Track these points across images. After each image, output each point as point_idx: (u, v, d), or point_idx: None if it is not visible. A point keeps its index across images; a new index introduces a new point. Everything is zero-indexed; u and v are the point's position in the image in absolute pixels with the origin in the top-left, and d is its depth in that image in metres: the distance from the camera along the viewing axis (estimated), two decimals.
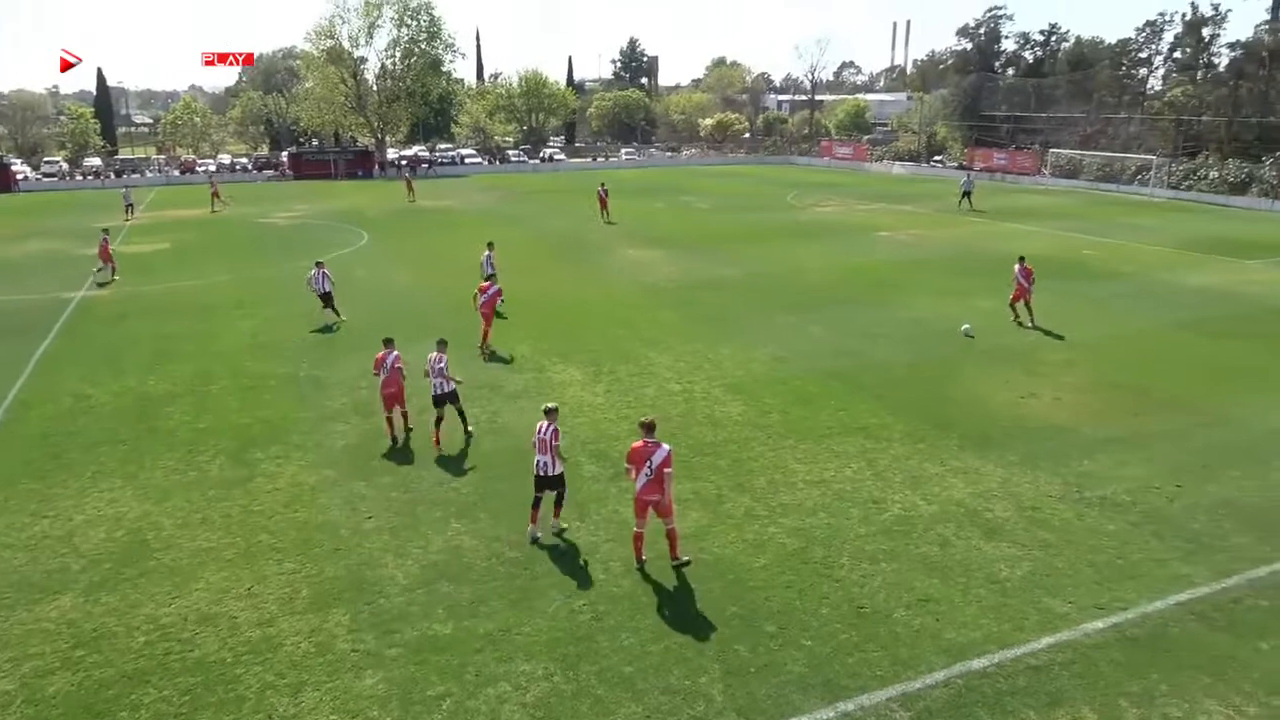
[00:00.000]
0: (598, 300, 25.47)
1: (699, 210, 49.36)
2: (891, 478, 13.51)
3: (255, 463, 14.14)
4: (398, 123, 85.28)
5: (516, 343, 20.78)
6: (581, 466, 13.85)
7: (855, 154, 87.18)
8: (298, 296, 25.68)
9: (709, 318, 23.32)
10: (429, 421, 15.10)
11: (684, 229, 40.87)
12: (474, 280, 26.29)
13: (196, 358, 20.03)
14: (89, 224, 44.35)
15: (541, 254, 33.96)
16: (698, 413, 16.12)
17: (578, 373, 18.53)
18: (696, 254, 33.54)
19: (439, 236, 39.42)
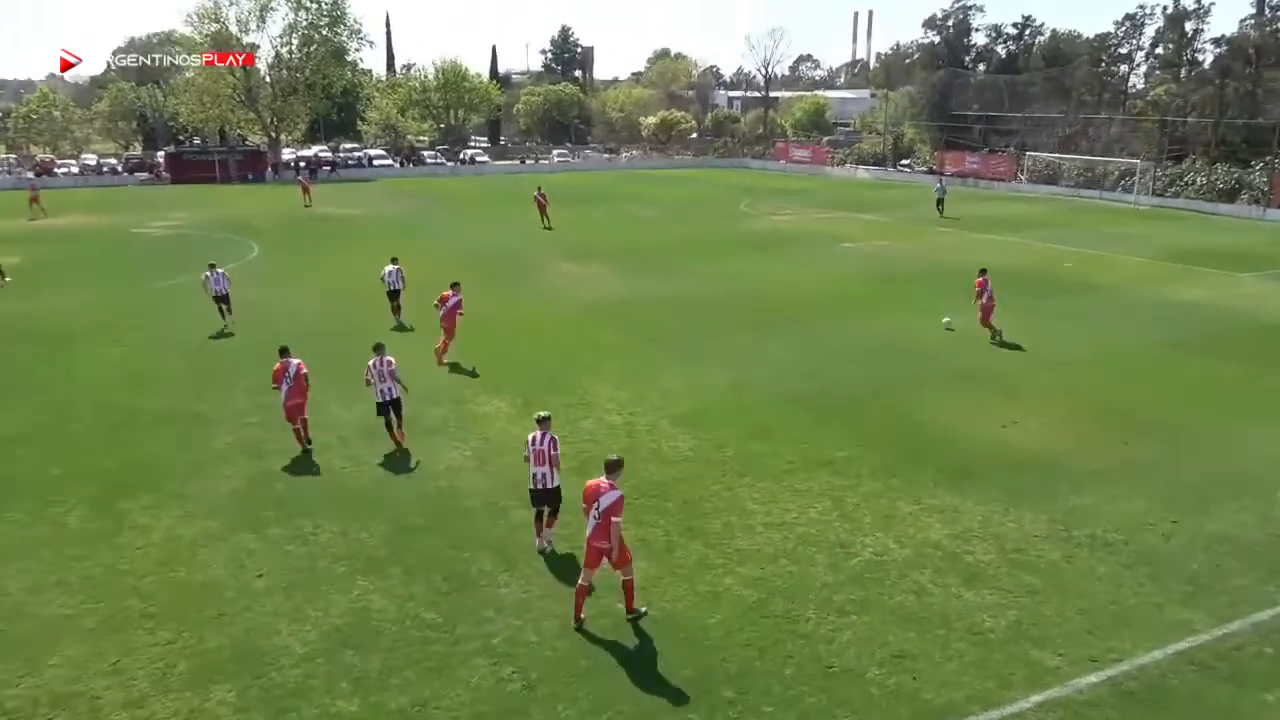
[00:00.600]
0: (527, 322, 25.36)
1: (642, 219, 49.66)
2: (861, 518, 13.61)
3: (123, 514, 13.65)
4: (294, 119, 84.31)
5: (433, 371, 20.55)
6: (509, 513, 13.68)
7: (815, 157, 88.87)
8: (175, 318, 25.05)
9: (655, 340, 23.40)
10: (382, 428, 16.26)
11: (626, 240, 41.06)
12: (380, 302, 26.07)
13: (53, 391, 19.40)
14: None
15: (462, 269, 33.70)
16: (642, 448, 16.08)
17: (504, 404, 18.37)
18: (640, 268, 33.69)
19: (341, 250, 38.92)
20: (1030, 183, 67.83)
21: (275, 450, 15.94)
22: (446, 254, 37.23)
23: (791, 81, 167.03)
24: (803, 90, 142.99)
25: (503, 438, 16.55)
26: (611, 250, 38.05)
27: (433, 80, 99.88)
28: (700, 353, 22.11)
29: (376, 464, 15.35)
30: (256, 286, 30.50)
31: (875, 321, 25.32)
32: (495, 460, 15.51)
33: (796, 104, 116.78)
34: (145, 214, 52.22)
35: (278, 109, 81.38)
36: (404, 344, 22.24)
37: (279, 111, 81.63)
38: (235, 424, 17.39)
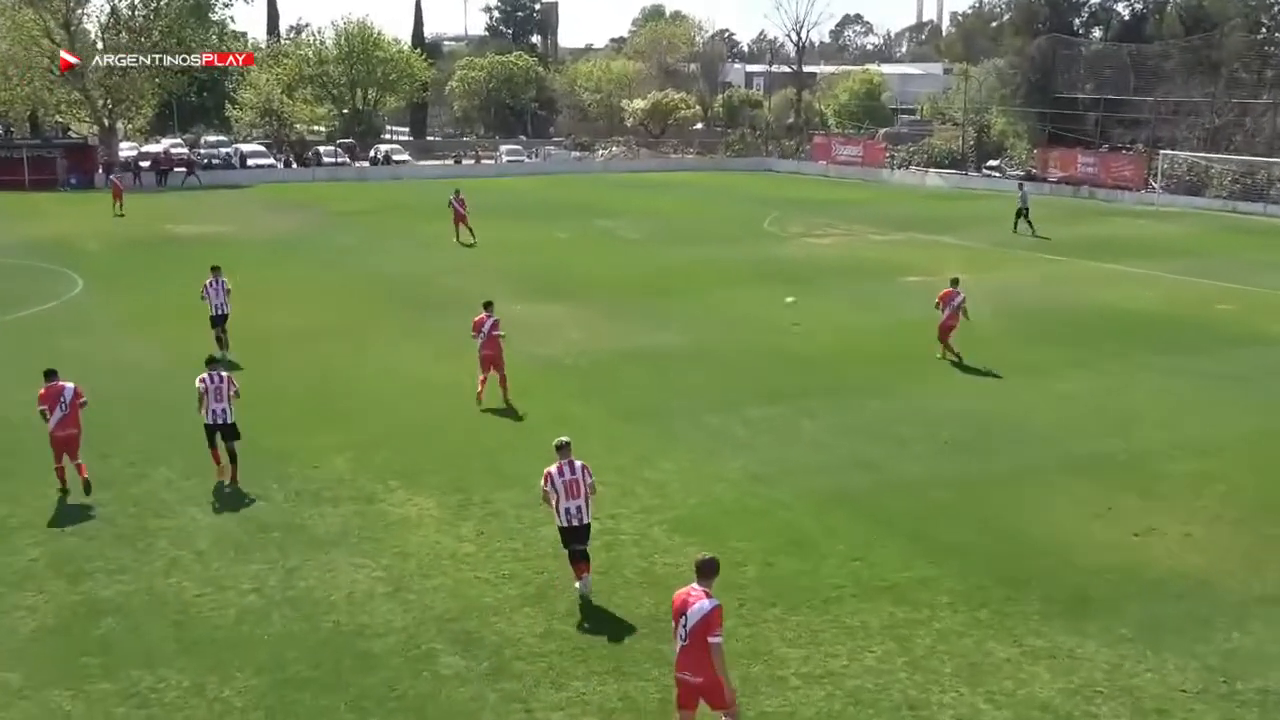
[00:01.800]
0: (462, 385, 25.37)
1: (625, 242, 50.06)
2: (937, 667, 13.53)
3: None
4: (136, 101, 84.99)
5: (329, 455, 20.55)
6: (436, 659, 13.56)
7: (867, 156, 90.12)
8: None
9: (642, 412, 23.44)
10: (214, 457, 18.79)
11: (601, 271, 41.33)
12: (267, 354, 26.08)
13: None
14: None
15: (370, 309, 33.86)
16: (627, 566, 16.01)
17: (430, 503, 18.31)
18: (621, 310, 33.84)
19: (199, 284, 39.03)
20: (1167, 192, 68.79)
21: (103, 568, 15.81)
22: (346, 286, 37.37)
23: (834, 52, 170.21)
24: (850, 64, 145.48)
25: (427, 552, 16.45)
26: (581, 284, 38.25)
27: (332, 49, 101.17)
28: (705, 430, 22.13)
29: (246, 588, 15.23)
30: (77, 334, 30.51)
31: (953, 387, 25.42)
32: (417, 583, 15.40)
33: (841, 83, 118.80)
34: None
35: (113, 87, 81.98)
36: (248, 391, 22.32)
37: (115, 90, 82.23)
38: (46, 532, 17.24)
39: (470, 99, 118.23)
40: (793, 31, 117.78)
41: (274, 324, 31.62)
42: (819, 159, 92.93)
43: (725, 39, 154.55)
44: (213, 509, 18.02)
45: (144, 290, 37.43)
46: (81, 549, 16.54)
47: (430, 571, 15.82)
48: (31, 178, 74.17)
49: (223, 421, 18.96)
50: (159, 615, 14.58)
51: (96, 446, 20.82)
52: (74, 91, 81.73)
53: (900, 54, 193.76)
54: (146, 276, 40.60)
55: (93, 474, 18.94)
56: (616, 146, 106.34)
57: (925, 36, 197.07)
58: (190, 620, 14.43)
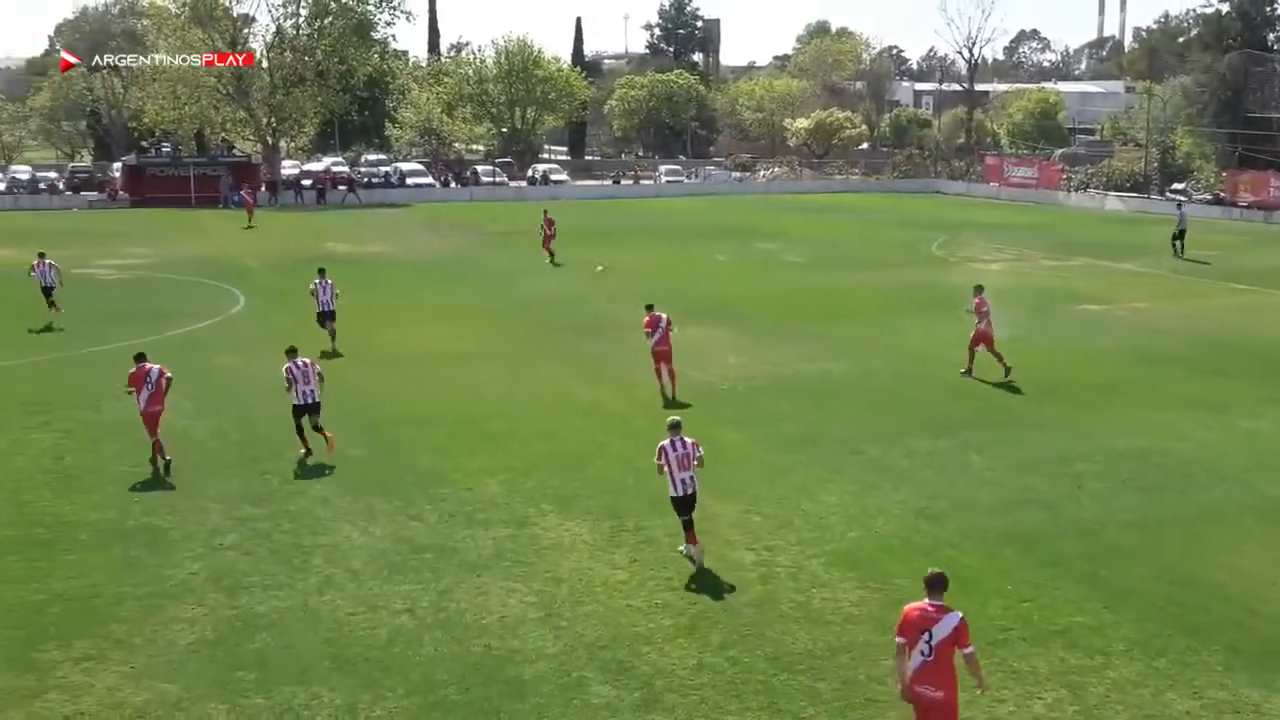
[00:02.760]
0: (614, 409, 25.62)
1: (786, 265, 49.99)
2: (1111, 718, 13.20)
3: (48, 668, 14.12)
4: (300, 119, 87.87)
5: (482, 477, 20.92)
6: (587, 688, 13.69)
7: (1042, 178, 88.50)
8: (123, 394, 26.10)
9: (801, 440, 23.40)
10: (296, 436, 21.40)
11: (760, 295, 41.32)
12: (421, 375, 26.75)
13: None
14: None
15: (524, 332, 34.39)
16: (783, 600, 15.95)
17: (583, 529, 18.51)
18: (781, 335, 33.78)
19: (361, 301, 40.13)
20: None
21: (259, 583, 16.36)
22: (498, 308, 38.01)
23: (1008, 69, 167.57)
24: (1025, 82, 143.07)
25: (581, 578, 16.63)
26: (740, 308, 38.30)
27: (492, 67, 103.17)
28: (866, 461, 21.98)
29: (399, 609, 15.58)
30: (235, 351, 31.67)
31: (1132, 422, 24.77)
32: (569, 610, 15.57)
33: (1015, 101, 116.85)
34: (92, 248, 54.85)
35: (278, 105, 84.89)
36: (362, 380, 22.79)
37: (279, 109, 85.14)
38: (206, 545, 17.85)
39: (629, 118, 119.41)
40: (965, 48, 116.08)
41: (429, 345, 32.35)
42: (990, 181, 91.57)
43: (893, 56, 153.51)
44: (367, 527, 18.49)
45: (302, 308, 38.42)
46: (239, 563, 17.14)
47: (582, 598, 15.99)
48: (197, 195, 77.19)
49: (311, 401, 21.85)
50: (313, 632, 15.02)
51: (255, 463, 21.66)
52: (240, 110, 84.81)
53: (1079, 71, 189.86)
54: (305, 295, 41.81)
55: (250, 490, 19.81)
56: (778, 167, 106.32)
57: (1106, 53, 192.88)
58: (343, 638, 14.82)
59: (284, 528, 18.50)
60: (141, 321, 35.75)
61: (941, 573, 11.57)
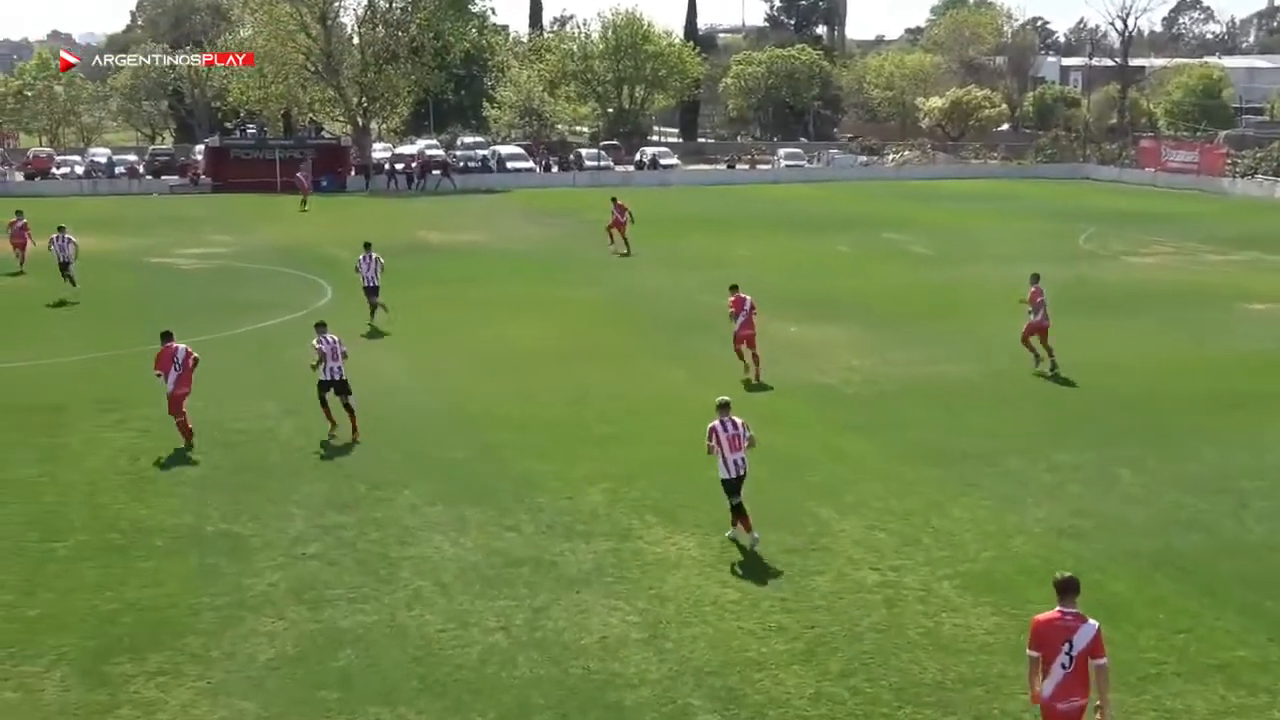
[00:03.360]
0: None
1: (915, 258, 49.56)
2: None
3: (121, 682, 14.43)
4: (392, 99, 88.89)
5: (583, 485, 21.02)
6: (694, 716, 13.68)
7: (1204, 163, 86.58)
8: (208, 392, 26.66)
9: (931, 451, 23.22)
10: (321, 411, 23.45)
11: (886, 291, 40.97)
12: (519, 373, 27.00)
13: (30, 492, 20.83)
14: None
15: (629, 329, 34.46)
16: (910, 625, 15.80)
17: (691, 543, 18.51)
18: (909, 335, 33.47)
19: (453, 294, 40.52)
20: None
21: (343, 595, 16.60)
22: (601, 303, 38.13)
23: (1166, 43, 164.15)
24: (1185, 57, 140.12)
25: (688, 596, 16.61)
26: (864, 305, 38.01)
27: (598, 43, 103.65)
28: (1004, 475, 21.73)
29: (492, 626, 15.69)
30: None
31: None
32: (675, 631, 15.56)
33: (1174, 78, 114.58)
34: (173, 235, 56.08)
35: (369, 84, 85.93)
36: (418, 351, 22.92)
37: (370, 88, 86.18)
38: (288, 554, 18.15)
39: (746, 97, 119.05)
40: (1118, 19, 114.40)
41: (527, 342, 32.56)
42: (1146, 166, 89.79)
43: (1037, 28, 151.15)
44: (458, 538, 18.66)
45: (391, 301, 39.01)
46: (322, 574, 17.39)
47: (689, 618, 15.96)
48: (284, 180, 78.49)
49: (339, 378, 23.62)
50: (400, 650, 15.17)
51: (341, 467, 22.02)
52: (329, 89, 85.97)
53: (1246, 44, 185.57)
54: (395, 286, 42.30)
55: (336, 496, 20.24)
56: (909, 150, 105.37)
57: (1278, 24, 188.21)
58: (432, 657, 14.96)
59: (370, 536, 18.76)
60: (223, 313, 36.46)
61: (1074, 576, 11.76)
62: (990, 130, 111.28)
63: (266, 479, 21.48)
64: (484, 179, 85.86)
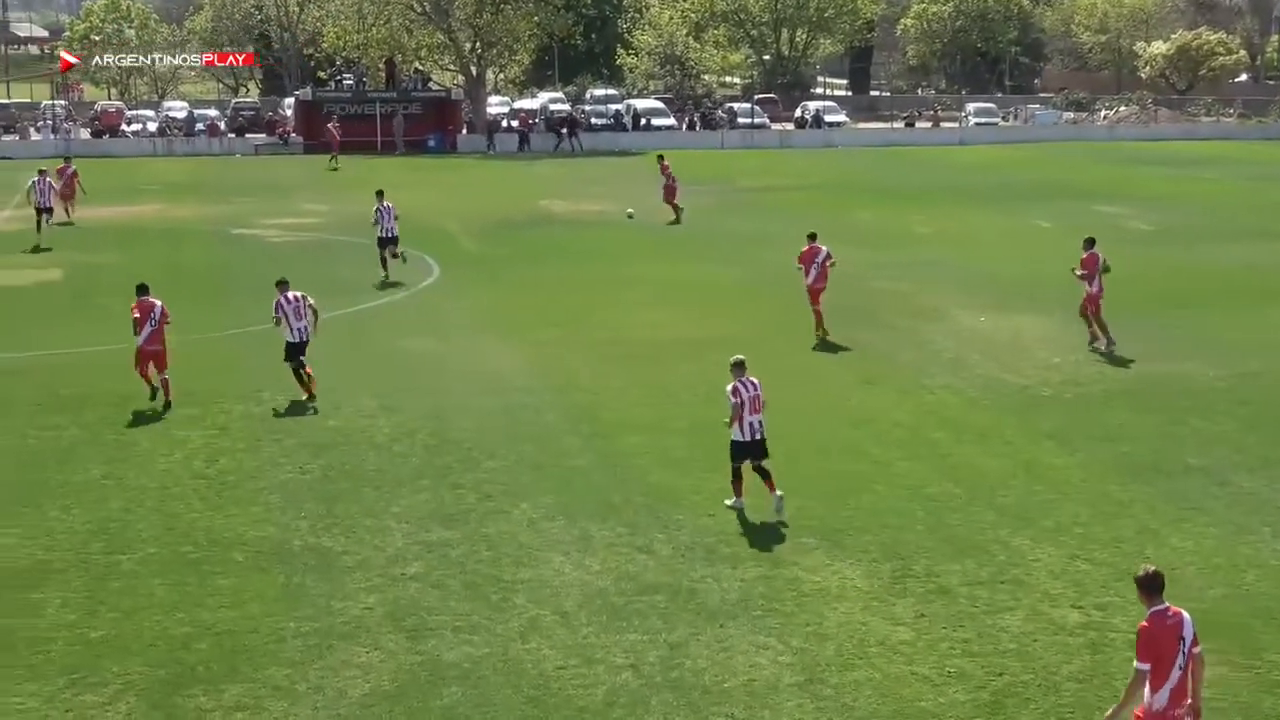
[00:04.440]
0: (897, 419, 25.42)
1: (1133, 235, 48.74)
2: None
3: (195, 717, 14.63)
4: (511, 45, 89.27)
5: (725, 500, 20.98)
6: None
7: None
8: (293, 382, 27.11)
9: (1146, 466, 22.87)
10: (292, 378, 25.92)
11: None
12: (653, 367, 27.06)
13: (96, 496, 21.29)
14: None
15: (782, 315, 34.27)
16: (1118, 675, 15.38)
17: (855, 572, 18.37)
18: (1122, 327, 32.84)
19: (578, 274, 40.70)
20: None
21: (449, 623, 16.71)
22: (749, 288, 38.04)
23: None
24: None
25: (852, 635, 16.46)
26: (1067, 291, 37.34)
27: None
28: (1237, 497, 21.28)
29: (620, 663, 15.66)
30: (427, 334, 32.70)
31: None
32: (835, 675, 15.43)
33: None
34: (259, 203, 57.15)
35: (484, 27, 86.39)
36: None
37: (486, 32, 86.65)
38: (385, 575, 18.31)
39: (929, 42, 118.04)
40: None
41: (662, 330, 32.62)
42: None
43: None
44: (582, 559, 18.71)
45: (510, 283, 39.43)
46: (424, 598, 17.51)
47: (853, 661, 15.81)
48: (384, 138, 79.43)
49: (304, 339, 26.14)
50: (513, 688, 15.21)
51: (448, 473, 22.26)
52: (437, 33, 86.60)
53: None
54: (513, 266, 42.74)
55: (441, 507, 20.47)
56: (1125, 106, 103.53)
57: None
58: (550, 697, 14.99)
59: (481, 556, 18.90)
60: (314, 293, 36.83)
61: (1160, 570, 12.37)
62: (1225, 82, 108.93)
63: (362, 486, 21.73)
64: (616, 139, 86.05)
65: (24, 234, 48.47)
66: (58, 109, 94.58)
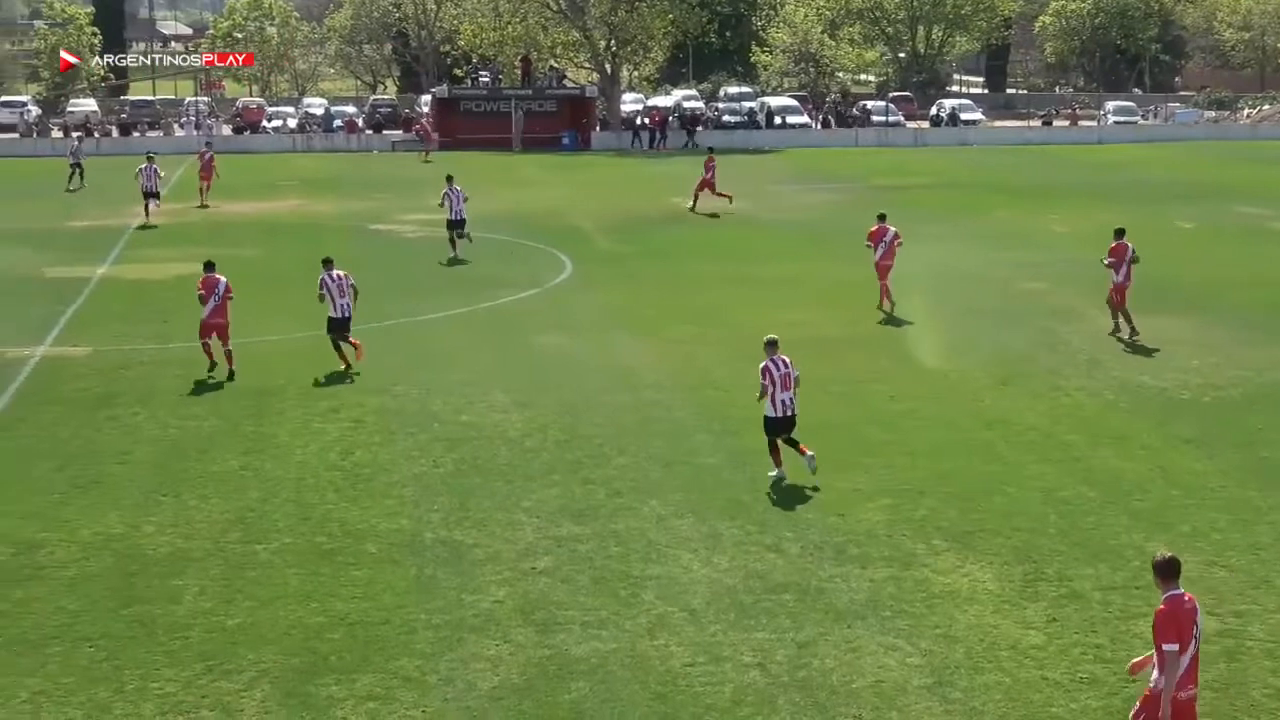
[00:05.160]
0: (1031, 421, 25.15)
1: (1273, 234, 47.93)
2: None
3: (326, 705, 14.88)
4: (646, 43, 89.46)
5: (858, 501, 20.93)
6: None
7: None
8: (426, 375, 27.43)
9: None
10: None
11: (1240, 277, 39.57)
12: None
13: (234, 486, 21.78)
14: (64, 218, 50.11)
15: (912, 315, 34.01)
16: (1255, 684, 15.20)
17: (987, 574, 18.21)
18: (1267, 331, 32.28)
19: (710, 271, 40.73)
20: None
21: (577, 618, 16.80)
22: (872, 286, 37.94)
23: None
24: None
25: (982, 638, 16.31)
26: (1208, 292, 36.84)
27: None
28: None
29: (747, 662, 15.64)
30: (559, 329, 32.97)
31: None
32: (964, 678, 15.29)
33: None
34: (395, 199, 57.84)
35: (619, 25, 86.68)
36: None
37: (621, 29, 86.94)
38: (515, 569, 18.46)
39: (1067, 40, 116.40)
40: None
41: (794, 330, 32.30)
42: None
43: None
44: (710, 557, 18.72)
45: (642, 280, 39.50)
46: (553, 592, 17.64)
47: (982, 664, 15.68)
48: (517, 137, 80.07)
49: (346, 315, 28.29)
50: (640, 684, 15.26)
51: (578, 469, 22.38)
52: (573, 31, 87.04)
53: None
54: (646, 263, 42.83)
55: (571, 503, 20.62)
56: (1270, 104, 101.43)
57: None
58: (678, 694, 15.01)
59: (610, 551, 19.00)
60: (448, 289, 37.51)
61: (1177, 556, 12.86)
62: None
63: (493, 481, 21.94)
64: (749, 137, 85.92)
65: (164, 229, 49.57)
66: (200, 106, 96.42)
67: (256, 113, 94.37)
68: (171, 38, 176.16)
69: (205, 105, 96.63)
